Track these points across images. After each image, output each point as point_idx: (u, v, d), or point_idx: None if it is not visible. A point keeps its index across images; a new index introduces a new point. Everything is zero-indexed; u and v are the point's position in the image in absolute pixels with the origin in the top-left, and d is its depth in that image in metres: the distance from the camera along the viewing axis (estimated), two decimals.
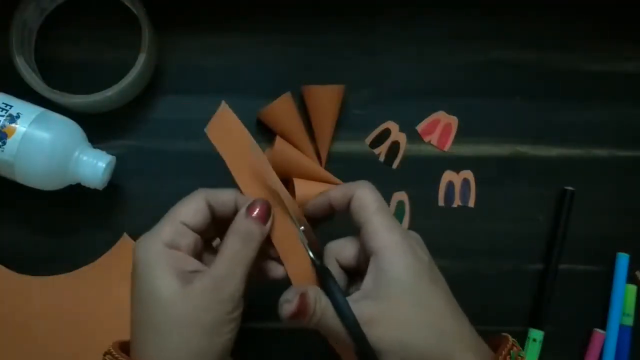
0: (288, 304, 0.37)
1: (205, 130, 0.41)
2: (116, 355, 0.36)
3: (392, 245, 0.37)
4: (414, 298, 0.36)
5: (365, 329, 0.35)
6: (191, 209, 0.39)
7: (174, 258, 0.37)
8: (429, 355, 0.36)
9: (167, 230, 0.38)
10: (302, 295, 0.36)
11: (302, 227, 0.40)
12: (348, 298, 0.37)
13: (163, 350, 0.36)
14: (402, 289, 0.36)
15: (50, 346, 0.48)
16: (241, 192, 0.40)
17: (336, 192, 0.41)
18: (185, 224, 0.38)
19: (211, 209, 0.40)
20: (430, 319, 0.36)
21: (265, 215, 0.38)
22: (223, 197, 0.40)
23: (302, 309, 0.36)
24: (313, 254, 0.40)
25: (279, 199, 0.40)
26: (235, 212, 0.39)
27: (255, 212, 0.38)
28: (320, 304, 0.37)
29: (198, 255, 0.40)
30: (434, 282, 0.38)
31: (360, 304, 0.36)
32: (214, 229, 0.41)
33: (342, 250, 0.41)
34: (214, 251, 0.41)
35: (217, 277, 0.36)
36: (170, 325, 0.36)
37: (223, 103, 0.41)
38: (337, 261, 0.41)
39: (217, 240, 0.43)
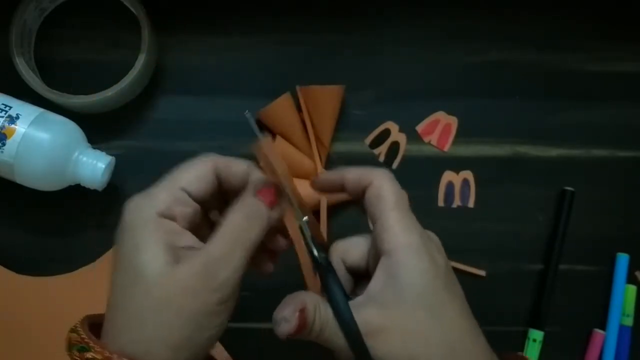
0: (286, 323, 0.32)
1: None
2: (82, 336, 0.31)
3: (408, 245, 0.32)
4: (428, 308, 0.32)
5: (369, 342, 0.31)
6: (195, 175, 0.34)
7: (166, 230, 0.32)
8: None
9: (163, 196, 0.33)
10: (302, 312, 0.32)
11: (306, 218, 0.36)
12: (351, 302, 0.33)
13: (138, 341, 0.30)
14: (415, 296, 0.32)
15: (50, 347, 0.48)
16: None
17: (352, 174, 0.36)
18: (185, 191, 0.33)
19: (219, 178, 0.35)
20: (445, 334, 0.32)
21: (274, 200, 0.34)
22: (235, 168, 0.35)
23: (301, 326, 0.32)
24: (316, 248, 0.35)
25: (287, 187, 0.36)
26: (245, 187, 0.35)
27: (265, 194, 0.34)
28: (320, 313, 0.32)
29: (195, 229, 0.34)
30: (451, 291, 0.33)
31: (365, 310, 0.32)
32: (218, 203, 0.36)
33: (350, 249, 0.36)
34: (213, 227, 0.35)
35: (213, 257, 0.31)
36: (150, 311, 0.30)
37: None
38: (344, 262, 0.36)
39: (217, 213, 0.38)
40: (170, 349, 0.31)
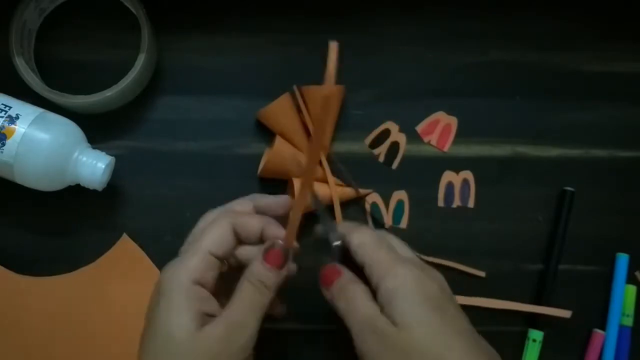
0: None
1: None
2: None
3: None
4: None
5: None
6: (219, 237, 0.38)
7: (197, 297, 0.36)
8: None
9: (196, 263, 0.37)
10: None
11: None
12: None
13: None
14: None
15: (50, 347, 0.48)
16: None
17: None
18: (212, 254, 0.38)
19: (237, 235, 0.40)
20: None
21: (282, 262, 0.38)
22: (249, 226, 0.40)
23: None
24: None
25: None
26: (261, 241, 0.40)
27: (271, 259, 0.38)
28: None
29: (215, 290, 0.39)
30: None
31: None
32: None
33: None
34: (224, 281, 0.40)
35: (231, 325, 0.36)
36: None
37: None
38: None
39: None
40: None
